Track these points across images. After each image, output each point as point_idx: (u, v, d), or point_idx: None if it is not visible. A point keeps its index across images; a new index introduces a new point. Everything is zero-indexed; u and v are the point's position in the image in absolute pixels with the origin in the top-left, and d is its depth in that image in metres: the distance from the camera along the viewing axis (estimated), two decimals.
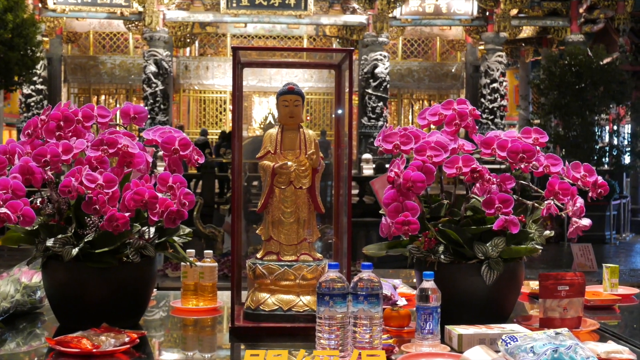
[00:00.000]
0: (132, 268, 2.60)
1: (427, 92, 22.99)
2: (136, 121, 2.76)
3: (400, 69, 22.44)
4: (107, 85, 22.38)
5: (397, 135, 2.69)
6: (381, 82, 19.82)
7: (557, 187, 2.69)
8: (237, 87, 2.73)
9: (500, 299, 2.65)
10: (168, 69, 19.76)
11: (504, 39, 20.29)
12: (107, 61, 21.97)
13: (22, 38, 14.29)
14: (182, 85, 22.24)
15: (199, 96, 22.71)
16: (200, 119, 22.75)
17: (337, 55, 2.88)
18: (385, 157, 15.94)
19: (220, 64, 22.19)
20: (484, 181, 2.62)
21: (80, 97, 22.26)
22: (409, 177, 2.55)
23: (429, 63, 22.89)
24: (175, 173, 2.63)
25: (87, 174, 2.47)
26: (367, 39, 19.88)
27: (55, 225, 2.59)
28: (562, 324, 2.46)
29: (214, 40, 23.32)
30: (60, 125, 2.64)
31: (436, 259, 2.60)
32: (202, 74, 22.17)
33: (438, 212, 2.78)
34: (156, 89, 19.49)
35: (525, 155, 2.66)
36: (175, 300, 3.09)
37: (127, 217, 2.48)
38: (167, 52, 19.77)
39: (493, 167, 2.77)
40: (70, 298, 2.59)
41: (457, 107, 2.78)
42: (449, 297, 2.41)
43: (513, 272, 2.65)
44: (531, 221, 2.74)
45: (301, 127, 2.77)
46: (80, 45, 22.62)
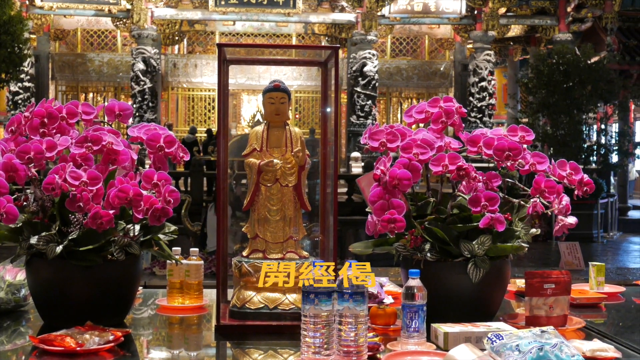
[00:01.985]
0: (117, 266, 2.58)
1: (416, 90, 23.01)
2: (121, 118, 2.75)
3: (389, 68, 22.45)
4: (95, 83, 22.29)
5: (384, 132, 2.68)
6: (370, 80, 19.82)
7: (543, 185, 2.69)
8: (222, 85, 2.72)
9: (486, 297, 2.65)
10: (156, 66, 19.70)
11: (492, 38, 20.32)
12: (95, 59, 21.88)
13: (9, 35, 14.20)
14: (171, 83, 22.18)
15: (187, 94, 22.65)
16: (189, 117, 22.70)
17: (324, 53, 2.87)
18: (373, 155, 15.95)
19: (208, 61, 22.13)
20: (470, 179, 2.61)
21: (68, 95, 22.16)
22: (395, 174, 2.55)
23: (417, 61, 22.90)
24: (160, 170, 2.62)
25: (71, 171, 2.45)
26: (355, 37, 19.87)
27: (39, 223, 2.57)
28: (548, 322, 2.46)
29: (202, 38, 23.26)
30: (44, 122, 2.62)
31: (422, 256, 2.60)
32: (191, 72, 22.12)
33: (424, 210, 2.78)
34: (144, 87, 19.41)
35: (511, 153, 2.66)
36: (161, 298, 3.08)
37: (112, 214, 2.47)
38: (156, 49, 19.69)
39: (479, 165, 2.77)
40: (55, 296, 2.57)
41: (444, 104, 2.78)
42: (435, 295, 2.41)
43: (499, 270, 2.65)
44: (517, 219, 2.74)
45: (287, 125, 2.76)
46: (68, 42, 22.51)
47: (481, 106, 20.18)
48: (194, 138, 19.25)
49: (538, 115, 17.71)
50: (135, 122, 16.08)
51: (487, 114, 20.25)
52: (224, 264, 2.78)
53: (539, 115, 17.70)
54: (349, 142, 19.78)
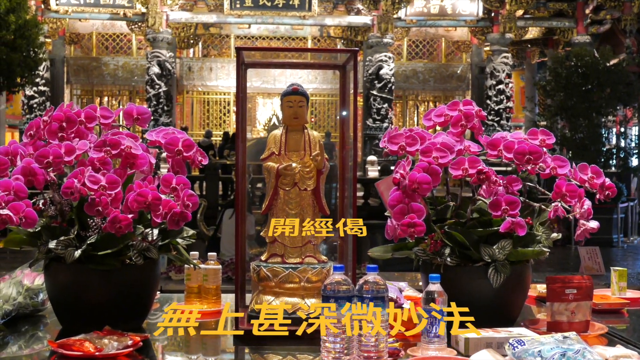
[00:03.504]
0: (135, 270, 2.59)
1: (433, 93, 22.98)
2: (139, 122, 2.76)
3: (405, 70, 22.44)
4: (110, 87, 22.42)
5: (403, 136, 2.68)
6: (386, 83, 19.81)
7: (565, 189, 2.68)
8: (241, 88, 2.72)
9: (507, 302, 2.64)
10: (171, 70, 19.78)
11: (510, 40, 20.26)
12: (110, 62, 22.00)
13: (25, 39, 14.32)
14: (186, 86, 22.27)
15: (202, 97, 22.73)
16: (204, 120, 22.77)
17: (342, 56, 2.88)
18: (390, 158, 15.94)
19: (223, 65, 22.21)
20: (490, 183, 2.61)
21: (83, 99, 22.30)
22: (414, 178, 2.54)
23: (434, 64, 22.88)
24: (178, 174, 2.63)
25: (89, 176, 2.47)
26: (371, 40, 19.87)
27: (57, 227, 2.59)
28: (569, 328, 2.45)
29: (217, 41, 23.34)
30: (62, 127, 2.63)
31: (442, 261, 2.59)
32: (206, 75, 22.20)
33: (444, 214, 2.77)
34: (159, 91, 19.50)
35: (532, 156, 2.65)
36: (178, 303, 3.09)
37: (130, 218, 2.48)
38: (171, 53, 19.78)
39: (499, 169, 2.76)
40: (73, 300, 2.58)
41: (463, 108, 2.77)
42: (455, 300, 2.40)
43: (520, 275, 2.64)
44: (538, 223, 2.73)
45: (306, 128, 2.76)
46: (83, 46, 22.66)
47: (498, 109, 20.12)
48: (209, 141, 19.31)
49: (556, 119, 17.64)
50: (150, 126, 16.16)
51: (505, 117, 20.18)
52: (242, 269, 2.78)
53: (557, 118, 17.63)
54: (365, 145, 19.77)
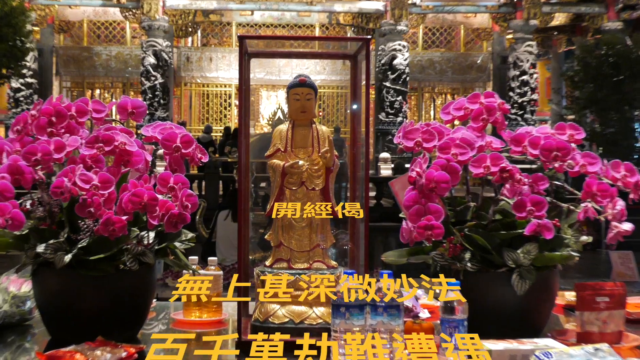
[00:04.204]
0: (130, 276, 2.60)
1: (450, 85, 22.96)
2: (134, 116, 2.77)
3: (421, 60, 22.42)
4: (102, 79, 22.48)
5: (419, 131, 2.68)
6: (400, 74, 19.80)
7: (595, 188, 2.67)
8: (243, 80, 2.72)
9: (532, 311, 2.63)
10: (168, 60, 19.82)
11: (535, 27, 20.22)
12: (102, 52, 22.05)
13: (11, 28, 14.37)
14: (184, 78, 22.30)
15: (201, 90, 22.76)
16: (203, 114, 22.81)
17: (353, 45, 2.87)
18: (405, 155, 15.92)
19: (224, 55, 22.23)
20: (514, 182, 2.60)
21: (73, 91, 22.37)
22: (432, 177, 2.54)
23: (452, 53, 22.85)
24: (176, 173, 2.63)
25: (81, 174, 2.47)
26: (384, 28, 19.86)
27: (46, 230, 2.59)
28: (601, 339, 2.44)
29: (217, 29, 23.37)
30: (52, 121, 2.64)
31: (462, 266, 2.59)
32: (205, 66, 22.22)
33: (464, 216, 2.77)
34: (155, 83, 19.55)
35: (559, 153, 2.64)
36: (176, 311, 3.09)
37: (125, 220, 2.48)
38: (167, 42, 19.82)
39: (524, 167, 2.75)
40: (63, 309, 2.58)
41: (485, 100, 2.77)
42: (476, 309, 2.39)
43: (546, 281, 2.63)
44: (566, 226, 2.72)
45: (314, 123, 2.76)
46: (73, 35, 22.72)
47: (522, 102, 20.10)
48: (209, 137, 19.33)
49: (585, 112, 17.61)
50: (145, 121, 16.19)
51: (529, 111, 20.16)
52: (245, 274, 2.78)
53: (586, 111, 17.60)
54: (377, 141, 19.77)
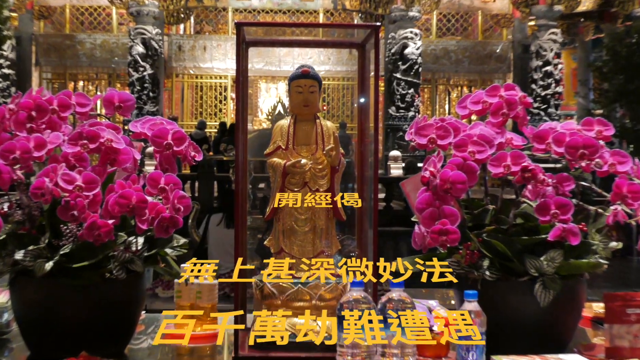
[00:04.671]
0: (117, 286, 2.60)
1: (467, 76, 22.96)
2: (121, 111, 2.77)
3: (435, 49, 22.42)
4: (86, 69, 22.51)
5: (433, 127, 2.68)
6: (412, 64, 19.78)
7: (626, 190, 2.67)
8: (240, 71, 2.72)
9: (557, 324, 2.63)
10: (158, 49, 19.82)
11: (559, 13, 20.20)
12: (86, 40, 22.08)
13: None
14: (175, 69, 22.33)
15: (195, 82, 22.78)
16: (197, 108, 22.83)
17: (360, 33, 2.88)
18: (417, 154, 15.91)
19: (220, 43, 22.24)
20: (537, 182, 2.60)
21: (55, 83, 22.41)
22: (446, 177, 2.54)
23: (469, 42, 22.84)
24: (168, 172, 2.63)
25: (63, 174, 2.47)
26: (394, 14, 19.85)
27: (25, 235, 2.60)
28: (632, 354, 2.44)
29: (212, 15, 23.39)
30: (31, 116, 2.64)
31: (480, 275, 2.59)
32: (199, 56, 22.24)
33: (482, 220, 2.77)
34: (144, 74, 19.55)
35: (586, 151, 2.64)
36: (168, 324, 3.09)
37: (111, 225, 2.49)
38: (157, 29, 19.82)
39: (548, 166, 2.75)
40: (43, 321, 2.59)
41: (505, 93, 2.77)
42: (495, 322, 2.40)
43: (572, 291, 2.63)
44: (594, 230, 2.72)
45: (318, 118, 2.76)
46: (54, 21, 22.74)
47: (546, 95, 20.08)
48: (203, 134, 19.34)
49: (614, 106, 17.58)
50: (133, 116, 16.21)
51: (553, 105, 20.14)
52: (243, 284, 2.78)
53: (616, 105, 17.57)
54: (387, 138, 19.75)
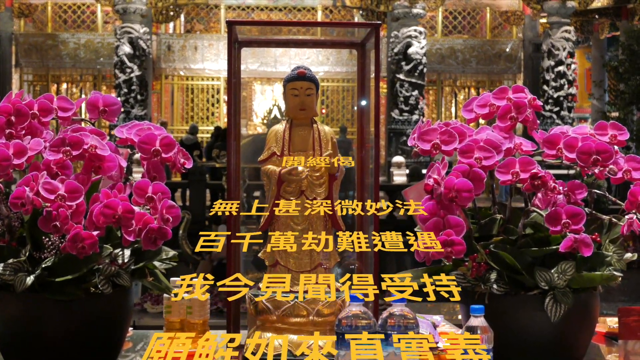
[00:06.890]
0: (102, 301, 2.60)
1: (475, 77, 22.96)
2: (107, 115, 2.77)
3: (440, 49, 22.43)
4: (69, 71, 22.49)
5: (437, 132, 2.69)
6: (416, 65, 19.80)
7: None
8: (233, 72, 2.74)
9: (569, 340, 2.64)
10: (146, 49, 19.83)
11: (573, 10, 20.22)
12: (70, 40, 22.07)
13: None
14: (164, 70, 22.33)
15: (185, 84, 22.78)
16: (187, 112, 22.83)
17: (361, 31, 2.89)
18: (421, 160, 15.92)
19: (212, 43, 22.25)
20: (547, 190, 2.60)
21: (36, 86, 22.39)
22: (452, 185, 2.55)
23: (476, 41, 22.86)
24: (156, 181, 2.64)
25: (44, 183, 2.48)
26: (397, 11, 19.87)
27: (4, 247, 2.60)
28: None
29: (203, 13, 23.40)
30: (10, 121, 2.65)
31: (487, 289, 2.59)
32: (190, 56, 22.25)
33: (489, 230, 2.77)
34: (131, 75, 19.55)
35: (600, 157, 2.64)
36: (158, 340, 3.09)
37: (96, 236, 2.49)
38: (145, 28, 19.83)
39: (559, 173, 2.76)
40: (25, 338, 2.59)
41: (513, 96, 2.78)
42: (503, 338, 2.40)
43: (585, 306, 2.64)
44: (608, 241, 2.73)
45: (315, 122, 2.77)
46: (35, 20, 22.74)
47: (558, 97, 20.09)
48: (194, 139, 19.33)
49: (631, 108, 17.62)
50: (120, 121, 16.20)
51: (566, 107, 20.14)
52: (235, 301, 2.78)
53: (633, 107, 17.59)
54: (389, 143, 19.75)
